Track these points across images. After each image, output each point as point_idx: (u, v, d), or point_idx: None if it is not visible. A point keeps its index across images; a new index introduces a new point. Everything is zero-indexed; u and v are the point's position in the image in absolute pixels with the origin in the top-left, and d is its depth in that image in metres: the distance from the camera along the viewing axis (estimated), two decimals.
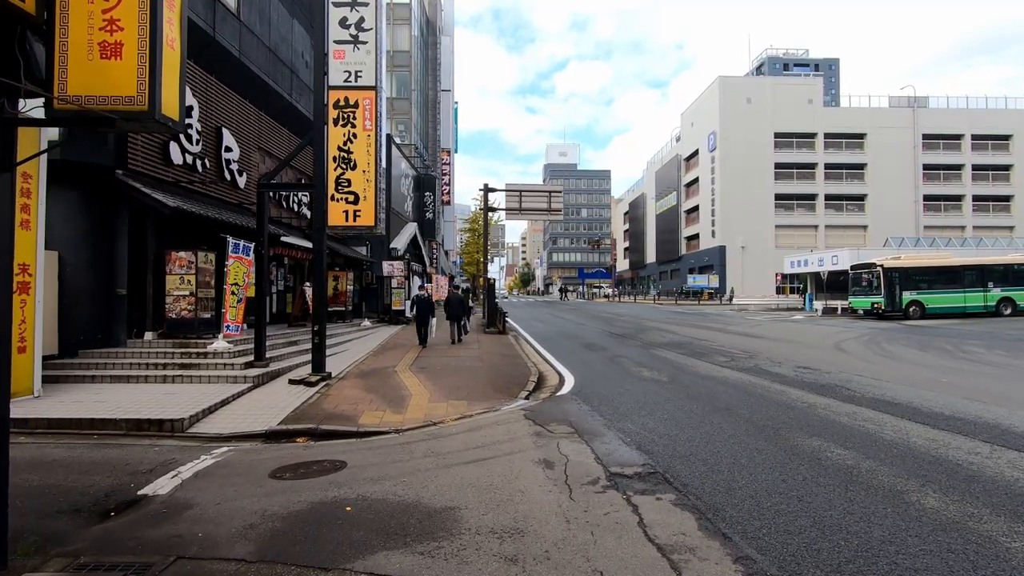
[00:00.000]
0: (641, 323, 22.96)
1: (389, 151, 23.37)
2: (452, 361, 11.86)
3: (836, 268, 28.81)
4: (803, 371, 10.02)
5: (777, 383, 8.85)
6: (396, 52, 39.17)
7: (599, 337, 17.15)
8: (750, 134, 50.46)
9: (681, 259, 61.67)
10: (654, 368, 10.66)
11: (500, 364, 11.50)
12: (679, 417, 6.71)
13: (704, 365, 10.96)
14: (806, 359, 11.65)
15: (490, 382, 9.53)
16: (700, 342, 15.21)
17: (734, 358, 11.89)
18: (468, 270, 61.30)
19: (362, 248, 22.41)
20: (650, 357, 12.29)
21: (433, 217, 32.70)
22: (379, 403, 7.98)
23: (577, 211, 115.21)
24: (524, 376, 10.09)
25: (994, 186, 51.36)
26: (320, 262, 9.41)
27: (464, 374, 10.23)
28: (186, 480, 4.87)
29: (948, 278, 24.04)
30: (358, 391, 8.74)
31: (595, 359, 12.18)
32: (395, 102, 39.10)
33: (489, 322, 19.24)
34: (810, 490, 4.22)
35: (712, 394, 8.05)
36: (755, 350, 13.28)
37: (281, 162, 9.68)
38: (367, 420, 7.09)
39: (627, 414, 6.94)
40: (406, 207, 27.11)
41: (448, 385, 9.23)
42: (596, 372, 10.40)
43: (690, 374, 9.93)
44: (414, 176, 30.19)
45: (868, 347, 13.86)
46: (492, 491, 4.36)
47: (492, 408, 7.77)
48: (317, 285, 9.48)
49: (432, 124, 47.39)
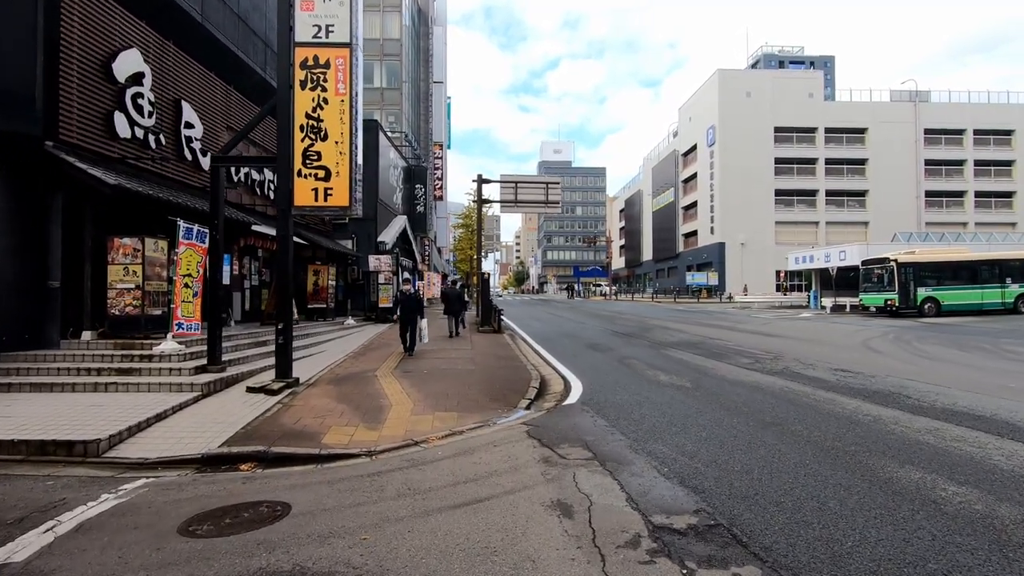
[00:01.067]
0: (644, 321, 21.68)
1: (377, 138, 21.96)
2: (441, 364, 10.50)
3: (844, 264, 27.67)
4: (844, 375, 8.74)
5: (821, 389, 7.57)
6: (386, 40, 37.78)
7: (602, 336, 15.84)
8: (750, 128, 49.35)
9: (679, 256, 60.53)
10: (672, 371, 9.35)
11: (496, 367, 10.15)
12: (721, 436, 5.39)
13: (727, 367, 9.67)
14: (840, 360, 10.38)
15: (485, 388, 8.19)
16: (713, 341, 13.93)
17: (758, 359, 10.60)
18: (462, 267, 59.87)
19: (347, 241, 21.00)
20: (664, 358, 10.98)
21: (424, 211, 31.28)
22: (351, 416, 6.62)
23: (572, 209, 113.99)
24: (524, 381, 8.75)
25: (996, 182, 50.55)
26: (284, 249, 8.02)
27: (454, 379, 8.87)
28: (61, 536, 3.49)
29: (964, 273, 22.92)
30: (328, 401, 7.37)
31: (602, 361, 10.85)
32: (385, 92, 37.68)
33: (483, 320, 17.88)
34: (954, 559, 2.90)
35: (751, 404, 6.75)
36: (778, 350, 12.02)
37: (238, 133, 8.31)
38: (334, 439, 5.72)
39: (655, 431, 5.61)
40: (395, 199, 25.69)
41: (435, 392, 7.87)
42: (606, 376, 9.07)
43: (715, 378, 8.63)
44: (404, 167, 28.77)
45: (900, 347, 12.63)
46: (489, 560, 3.02)
47: (487, 422, 6.43)
48: (281, 275, 8.09)
49: (424, 117, 45.96)
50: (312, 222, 18.25)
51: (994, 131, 50.28)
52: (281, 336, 7.94)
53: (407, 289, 14.93)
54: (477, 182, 22.05)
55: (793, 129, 50.24)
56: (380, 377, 8.98)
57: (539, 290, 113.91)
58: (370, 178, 21.65)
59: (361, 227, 21.22)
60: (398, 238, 23.93)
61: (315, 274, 16.24)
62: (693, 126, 56.32)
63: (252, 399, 7.36)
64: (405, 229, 25.32)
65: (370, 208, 21.43)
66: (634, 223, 79.70)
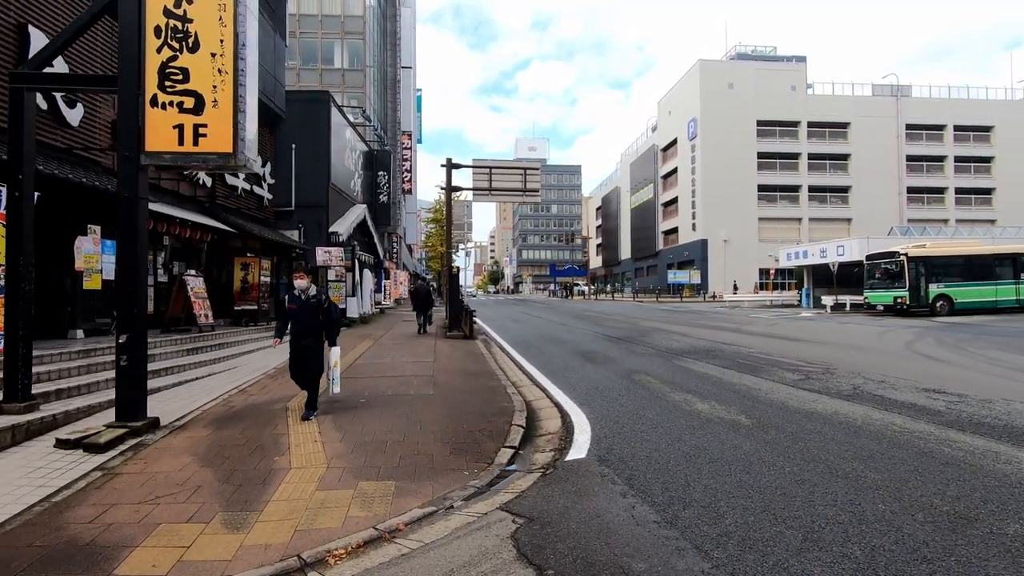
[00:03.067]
0: (636, 323, 19.22)
1: (328, 113, 18.93)
2: (389, 386, 7.72)
3: (843, 259, 25.78)
4: (943, 398, 6.32)
5: (941, 426, 5.10)
6: (347, 17, 34.70)
7: (594, 342, 13.26)
8: (732, 121, 47.69)
9: (658, 254, 58.68)
10: (707, 395, 6.79)
11: (464, 389, 7.43)
12: (890, 548, 2.78)
13: (776, 388, 7.16)
14: (907, 373, 8.00)
15: (446, 428, 5.47)
16: (730, 348, 11.49)
17: (807, 375, 8.13)
18: (433, 266, 56.85)
19: (293, 232, 17.97)
20: (684, 374, 8.43)
21: (389, 201, 28.29)
22: (210, 496, 3.83)
23: (548, 207, 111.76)
24: (503, 413, 6.06)
25: (976, 179, 50.08)
26: (132, 220, 5.15)
27: (403, 413, 6.12)
28: None
29: (978, 269, 21.15)
30: (187, 463, 4.55)
31: (605, 378, 8.24)
32: (347, 74, 34.61)
33: (452, 323, 15.14)
34: None
35: (870, 461, 4.19)
36: (817, 359, 9.62)
37: (56, 37, 5.40)
38: (143, 560, 2.94)
39: (761, 543, 2.98)
40: (353, 185, 22.68)
41: (370, 440, 5.12)
42: (619, 403, 6.46)
43: (772, 407, 6.09)
44: (364, 151, 25.74)
45: (955, 352, 10.39)
46: None
47: (443, 504, 3.74)
48: (127, 257, 5.21)
49: (392, 104, 42.81)
50: (245, 206, 15.19)
51: (974, 127, 49.79)
52: (125, 355, 5.07)
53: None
54: (447, 167, 19.26)
55: (776, 123, 48.82)
56: (293, 412, 6.16)
57: (515, 290, 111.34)
58: (321, 158, 18.66)
59: (310, 215, 18.22)
60: (356, 229, 20.96)
61: (244, 268, 13.23)
62: (673, 120, 54.50)
63: (56, 461, 4.49)
64: (365, 220, 22.34)
65: (320, 193, 18.44)
66: (611, 221, 77.77)
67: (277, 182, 17.30)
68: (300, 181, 17.99)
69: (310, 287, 5.93)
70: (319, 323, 5.91)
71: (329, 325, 5.97)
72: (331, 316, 5.95)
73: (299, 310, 5.83)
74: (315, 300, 5.89)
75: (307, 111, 18.51)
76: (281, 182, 17.49)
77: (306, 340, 5.85)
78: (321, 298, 5.96)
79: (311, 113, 18.60)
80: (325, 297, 6.05)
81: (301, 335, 5.85)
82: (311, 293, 5.92)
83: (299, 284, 5.83)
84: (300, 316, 5.84)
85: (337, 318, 6.09)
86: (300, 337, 5.85)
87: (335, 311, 6.01)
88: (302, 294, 5.84)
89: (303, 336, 5.85)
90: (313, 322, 5.87)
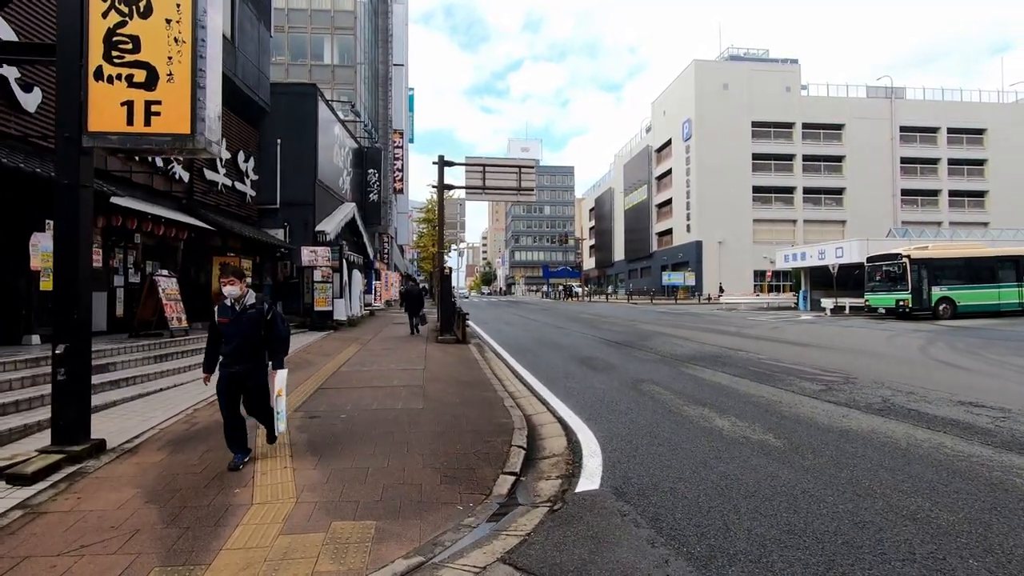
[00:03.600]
0: (634, 326, 18.62)
1: (316, 107, 18.19)
2: (373, 397, 7.03)
3: (842, 261, 25.36)
4: (985, 414, 5.74)
5: (988, 447, 4.50)
6: (337, 12, 33.92)
7: (593, 346, 12.63)
8: (727, 122, 47.38)
9: (652, 256, 58.27)
10: (724, 408, 6.17)
11: (457, 402, 6.76)
12: None
13: (799, 401, 6.55)
14: (940, 384, 7.43)
15: (436, 450, 4.80)
16: (737, 354, 10.90)
17: (828, 385, 7.54)
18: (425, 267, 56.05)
19: (278, 231, 17.21)
20: (695, 384, 7.81)
21: (379, 200, 27.52)
22: (148, 546, 3.14)
23: (540, 208, 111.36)
24: (500, 431, 5.40)
25: (969, 181, 50.10)
26: (70, 205, 4.46)
27: (387, 432, 5.44)
28: None
29: (981, 272, 20.79)
30: (130, 496, 3.85)
31: (610, 387, 7.60)
32: (336, 70, 33.83)
33: (444, 327, 14.45)
34: None
35: (939, 497, 3.57)
36: (834, 367, 9.05)
37: None
38: None
39: None
40: (341, 183, 21.92)
41: (347, 467, 4.43)
42: (629, 418, 5.81)
43: (799, 423, 5.47)
44: (354, 148, 24.98)
45: (971, 358, 9.88)
46: None
47: (434, 549, 3.08)
48: (66, 255, 4.51)
49: (384, 102, 42.02)
50: (226, 203, 14.43)
51: (967, 129, 49.81)
52: (63, 368, 4.36)
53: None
54: (439, 164, 18.59)
55: (771, 124, 48.57)
56: (262, 433, 5.46)
57: (507, 291, 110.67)
58: (307, 154, 17.92)
59: (296, 213, 17.46)
60: (344, 228, 20.21)
61: (221, 268, 12.46)
62: (667, 120, 54.13)
63: None
64: (354, 219, 21.59)
65: (306, 191, 17.69)
66: (605, 222, 77.34)
67: (261, 178, 16.54)
68: (285, 178, 17.24)
69: (247, 294, 4.42)
70: (260, 340, 4.41)
71: (275, 342, 4.46)
72: (277, 330, 4.45)
73: (232, 324, 4.30)
74: (254, 310, 4.36)
75: (293, 105, 17.77)
76: (265, 178, 16.74)
77: (241, 364, 4.31)
78: (262, 307, 4.41)
79: (297, 107, 17.86)
80: (268, 306, 4.47)
81: (235, 358, 4.31)
82: (248, 301, 4.39)
83: (229, 291, 4.30)
84: (234, 332, 4.30)
85: (285, 333, 4.60)
86: (234, 360, 4.30)
87: (282, 323, 4.54)
88: (235, 303, 4.33)
89: (238, 359, 4.31)
90: (252, 339, 4.36)
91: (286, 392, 4.59)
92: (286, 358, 4.64)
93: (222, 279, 4.36)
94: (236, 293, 4.33)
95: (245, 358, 4.34)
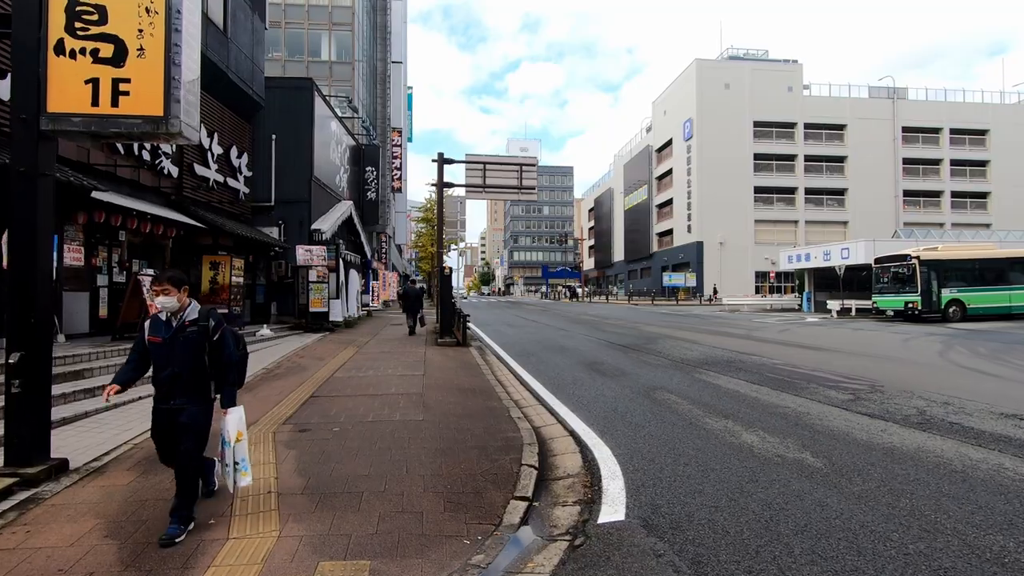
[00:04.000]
0: (638, 328, 18.15)
1: (312, 102, 17.67)
2: (369, 407, 6.53)
3: (848, 262, 24.94)
4: None
5: None
6: (335, 7, 33.42)
7: (599, 350, 12.16)
8: (728, 122, 46.98)
9: (652, 256, 57.84)
10: (749, 421, 5.69)
11: (460, 413, 6.27)
12: None
13: (825, 411, 6.08)
14: (974, 393, 6.97)
15: (437, 472, 4.31)
16: (750, 358, 10.44)
17: (855, 394, 7.07)
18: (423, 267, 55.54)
19: (273, 229, 16.69)
20: (712, 392, 7.33)
21: (377, 199, 27.00)
22: None
23: (539, 208, 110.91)
24: (508, 447, 4.91)
25: (971, 182, 49.78)
26: (27, 195, 3.96)
27: (384, 448, 4.94)
28: None
29: (992, 273, 20.38)
30: (88, 528, 3.35)
31: (621, 395, 7.12)
32: (334, 66, 33.34)
33: (443, 328, 13.96)
34: None
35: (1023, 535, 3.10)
36: (855, 373, 8.58)
37: None
38: None
39: None
40: (339, 181, 21.41)
41: (339, 491, 3.94)
42: (646, 433, 5.33)
43: (839, 440, 5.00)
44: (352, 146, 24.46)
45: (1005, 366, 9.43)
46: None
47: None
48: (22, 251, 4.01)
49: (382, 100, 41.50)
50: (218, 200, 13.91)
51: (969, 130, 49.50)
52: (18, 380, 3.86)
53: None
54: (438, 162, 18.09)
55: (772, 124, 48.18)
56: (249, 443, 4.96)
57: (506, 292, 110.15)
58: (303, 150, 17.41)
59: (291, 211, 16.95)
60: (341, 227, 19.70)
61: (213, 268, 11.96)
62: (668, 120, 53.71)
63: None
64: (351, 217, 21.06)
65: (301, 188, 17.18)
66: (604, 223, 76.92)
67: (255, 175, 16.02)
68: (281, 174, 16.73)
69: (188, 306, 3.33)
70: (203, 367, 3.33)
71: (224, 369, 3.37)
72: (226, 354, 3.36)
73: (166, 345, 3.25)
74: (196, 328, 3.29)
75: (289, 99, 17.26)
76: (260, 175, 16.22)
77: (178, 398, 3.28)
78: (207, 323, 3.32)
79: (293, 102, 17.35)
80: (215, 322, 3.36)
81: (171, 389, 3.27)
82: (188, 316, 3.31)
83: (163, 302, 3.24)
84: (168, 355, 3.25)
85: (237, 357, 3.45)
86: (169, 392, 3.28)
87: (233, 345, 3.42)
88: (171, 317, 3.31)
89: (174, 391, 3.27)
90: (193, 366, 3.28)
91: (246, 433, 3.51)
92: (257, 387, 4.19)
93: (154, 287, 3.26)
94: (172, 305, 3.26)
95: (184, 390, 3.29)
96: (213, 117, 13.74)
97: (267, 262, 16.44)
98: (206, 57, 12.48)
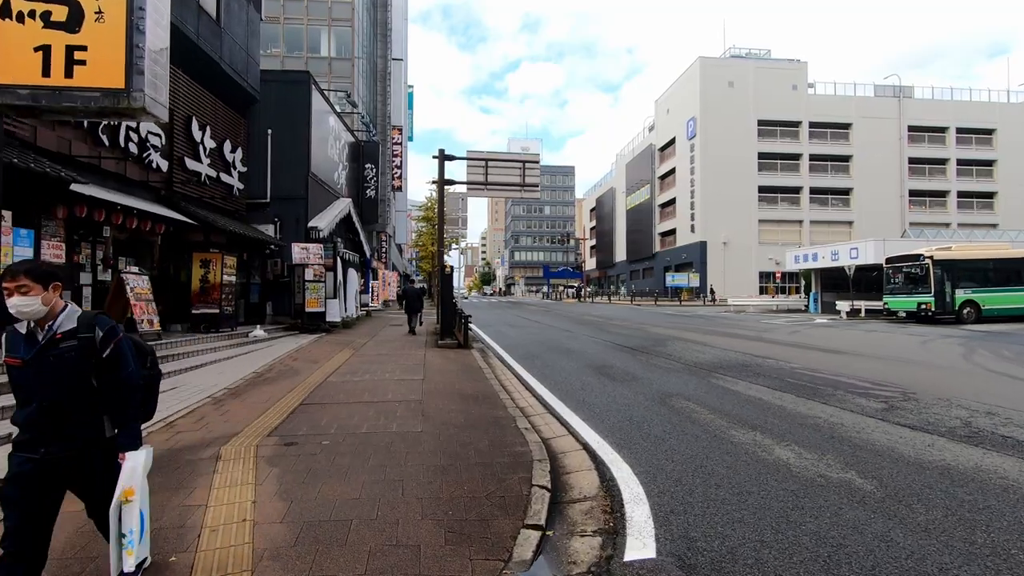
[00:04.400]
0: (644, 329, 17.65)
1: (309, 96, 17.19)
2: (363, 417, 6.03)
3: (857, 262, 24.42)
4: None
5: None
6: (335, 3, 32.97)
7: (606, 352, 11.65)
8: (732, 120, 46.45)
9: (655, 257, 57.32)
10: (779, 433, 5.19)
11: (461, 422, 5.76)
12: None
13: (859, 421, 5.58)
14: (1015, 401, 6.47)
15: (438, 495, 3.80)
16: (766, 362, 9.94)
17: (887, 402, 6.57)
18: (423, 266, 55.06)
19: (268, 226, 16.21)
20: (732, 399, 6.82)
21: (376, 197, 26.51)
22: None
23: (540, 208, 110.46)
24: (516, 463, 4.41)
25: (978, 182, 49.26)
26: None
27: (375, 466, 4.43)
28: None
29: (1008, 274, 19.86)
30: None
31: (635, 403, 6.62)
32: (334, 63, 32.88)
33: (444, 330, 13.45)
34: None
35: None
36: (882, 379, 8.07)
37: None
38: None
39: None
40: (337, 177, 20.91)
41: (324, 519, 3.43)
42: (668, 447, 4.83)
43: (884, 457, 4.50)
44: (351, 142, 23.97)
45: None
46: None
47: None
48: None
49: (382, 97, 41.02)
50: (210, 195, 13.41)
51: (976, 129, 48.99)
52: None
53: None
54: (439, 159, 17.60)
55: (777, 123, 47.67)
56: (227, 460, 4.47)
57: (506, 292, 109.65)
58: (300, 145, 16.91)
59: (287, 208, 16.45)
60: (339, 225, 19.20)
61: (204, 266, 11.46)
62: (671, 119, 53.19)
63: None
64: (349, 215, 20.55)
65: (298, 184, 16.67)
66: (606, 223, 76.40)
67: (250, 170, 15.53)
68: (276, 170, 16.24)
69: (63, 310, 2.35)
70: (86, 395, 2.36)
71: (121, 397, 2.43)
72: (124, 375, 2.42)
73: (31, 367, 2.26)
74: (76, 341, 2.31)
75: (285, 93, 16.76)
76: (255, 171, 15.73)
77: (57, 443, 2.29)
78: (93, 334, 2.34)
79: (290, 95, 16.85)
80: (104, 332, 2.38)
81: (41, 430, 2.28)
82: (63, 326, 2.31)
83: (19, 305, 2.21)
84: (36, 383, 2.27)
85: (137, 380, 2.47)
86: (39, 436, 2.28)
87: (134, 362, 2.49)
88: (37, 328, 2.30)
89: (47, 432, 2.28)
90: (74, 394, 2.33)
91: (148, 495, 2.57)
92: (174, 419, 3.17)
93: (5, 283, 2.23)
94: (35, 310, 2.25)
95: (62, 430, 2.31)
96: (205, 110, 13.25)
97: (262, 260, 15.95)
98: (198, 47, 12.01)
